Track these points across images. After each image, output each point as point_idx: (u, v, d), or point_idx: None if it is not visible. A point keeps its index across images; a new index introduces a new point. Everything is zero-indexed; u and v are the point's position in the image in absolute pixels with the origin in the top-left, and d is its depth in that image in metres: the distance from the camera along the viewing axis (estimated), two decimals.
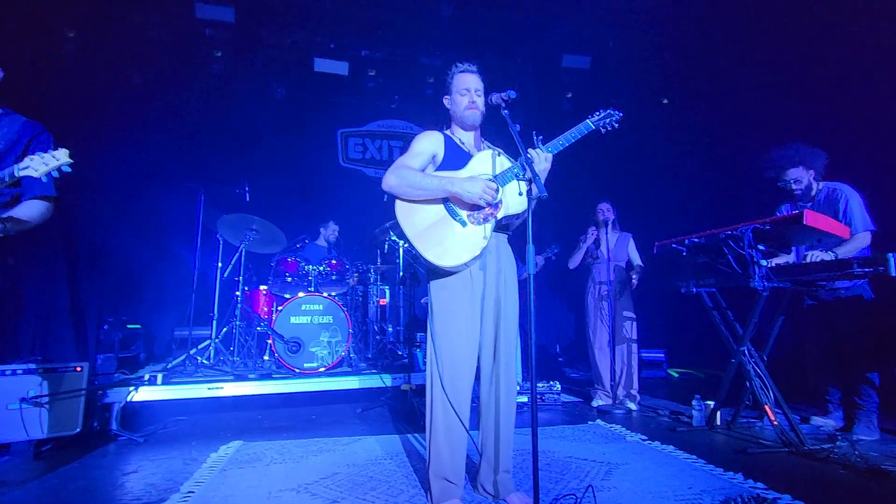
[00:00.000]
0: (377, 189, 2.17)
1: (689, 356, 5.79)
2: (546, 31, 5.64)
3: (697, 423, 3.14)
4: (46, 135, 1.97)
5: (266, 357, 4.17)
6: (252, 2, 5.16)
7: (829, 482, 2.18)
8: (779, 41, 4.58)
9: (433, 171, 2.05)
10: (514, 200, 1.99)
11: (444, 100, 2.16)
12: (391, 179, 1.96)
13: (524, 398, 3.58)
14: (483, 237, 1.94)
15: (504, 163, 2.05)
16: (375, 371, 3.94)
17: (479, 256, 1.94)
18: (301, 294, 4.06)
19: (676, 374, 5.64)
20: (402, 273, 4.54)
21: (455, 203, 1.97)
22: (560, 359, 6.50)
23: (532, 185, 1.74)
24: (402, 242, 4.43)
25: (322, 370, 3.89)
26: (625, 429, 3.09)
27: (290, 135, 6.21)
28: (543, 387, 3.94)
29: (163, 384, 3.28)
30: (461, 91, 2.08)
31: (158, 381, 3.28)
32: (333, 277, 4.41)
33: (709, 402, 3.17)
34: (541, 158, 1.92)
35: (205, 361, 4.07)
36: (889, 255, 2.25)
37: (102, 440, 2.88)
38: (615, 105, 2.13)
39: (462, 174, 1.99)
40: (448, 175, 1.98)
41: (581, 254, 4.11)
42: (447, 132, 2.15)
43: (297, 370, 3.83)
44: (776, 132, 4.25)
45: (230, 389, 3.39)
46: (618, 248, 3.96)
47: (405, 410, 3.62)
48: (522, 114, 6.47)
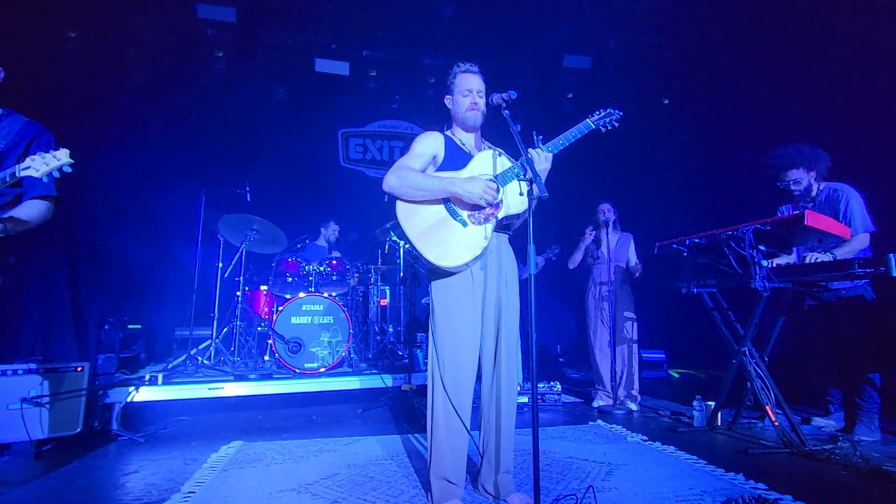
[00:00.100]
0: (378, 189, 2.16)
1: (690, 357, 5.79)
2: (547, 32, 5.64)
3: (698, 424, 3.14)
4: (47, 135, 1.97)
5: (266, 357, 4.17)
6: (253, 2, 5.16)
7: (831, 483, 2.17)
8: (779, 41, 4.58)
9: (434, 172, 2.04)
10: (515, 200, 1.99)
11: (446, 100, 2.16)
12: (392, 180, 1.96)
13: (525, 398, 3.58)
14: (484, 237, 1.94)
15: (504, 163, 2.04)
16: (376, 371, 3.94)
17: (480, 256, 1.94)
18: (302, 294, 4.06)
19: (677, 375, 5.64)
20: (403, 273, 4.53)
21: (456, 203, 1.96)
22: (561, 359, 6.49)
23: (533, 185, 1.74)
24: (403, 243, 4.43)
25: (322, 370, 3.89)
26: (625, 429, 3.09)
27: (291, 135, 6.21)
28: (544, 387, 3.95)
29: (163, 384, 3.28)
30: (463, 92, 2.07)
31: (159, 382, 3.28)
32: (334, 278, 4.41)
33: (710, 403, 3.17)
34: (541, 158, 1.92)
35: (205, 361, 4.08)
36: (890, 256, 2.24)
37: (103, 440, 2.88)
38: (616, 105, 2.12)
39: (462, 174, 1.99)
40: (448, 175, 1.98)
41: (580, 254, 4.10)
42: (448, 133, 2.15)
43: (298, 370, 3.83)
44: (777, 132, 4.26)
45: (231, 389, 3.39)
46: (619, 249, 3.96)
47: (406, 411, 3.62)
48: (523, 114, 6.48)
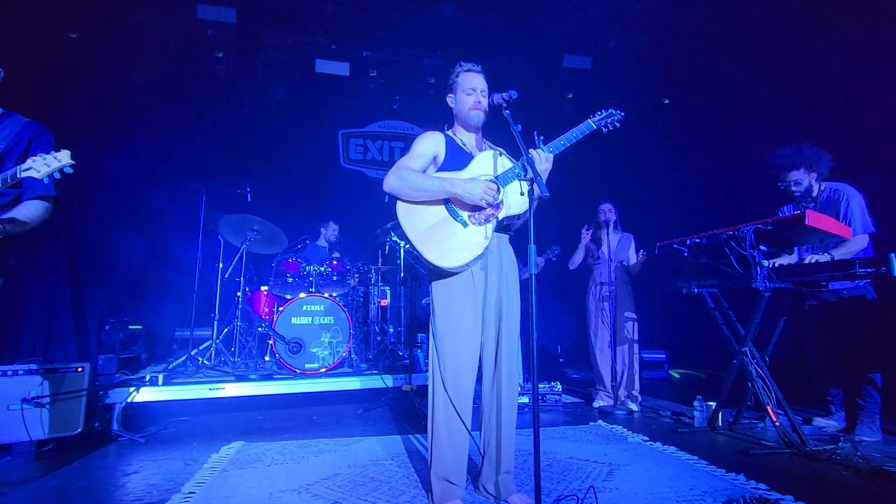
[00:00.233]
0: (378, 190, 2.16)
1: (691, 357, 5.79)
2: (547, 32, 5.63)
3: (699, 424, 3.14)
4: (48, 135, 1.96)
5: (267, 358, 4.18)
6: (253, 3, 5.16)
7: (832, 483, 2.17)
8: (780, 41, 4.57)
9: (434, 172, 2.04)
10: (516, 201, 1.99)
11: (448, 98, 2.15)
12: (392, 181, 1.95)
13: (526, 399, 3.57)
14: (484, 238, 1.94)
15: (505, 163, 2.04)
16: (376, 372, 3.94)
17: (481, 257, 1.94)
18: (302, 295, 4.06)
19: (678, 375, 5.63)
20: (404, 274, 4.53)
21: (456, 204, 1.96)
22: (561, 359, 6.49)
23: (533, 185, 1.74)
24: (404, 243, 4.42)
25: (323, 371, 3.88)
26: (626, 429, 3.08)
27: (292, 135, 6.21)
28: (545, 387, 3.94)
29: (164, 385, 3.29)
30: (467, 90, 2.06)
31: (160, 382, 3.29)
32: (334, 278, 4.41)
33: (710, 403, 3.17)
34: (542, 159, 1.91)
35: (206, 362, 4.08)
36: (891, 256, 2.24)
37: (104, 441, 2.88)
38: (616, 105, 2.12)
39: (463, 175, 1.99)
40: (449, 176, 1.98)
41: (581, 255, 4.10)
42: (448, 132, 2.14)
43: (298, 371, 3.83)
44: (777, 132, 4.26)
45: (231, 390, 3.39)
46: (619, 249, 3.95)
47: (406, 411, 3.62)
48: (523, 114, 6.48)
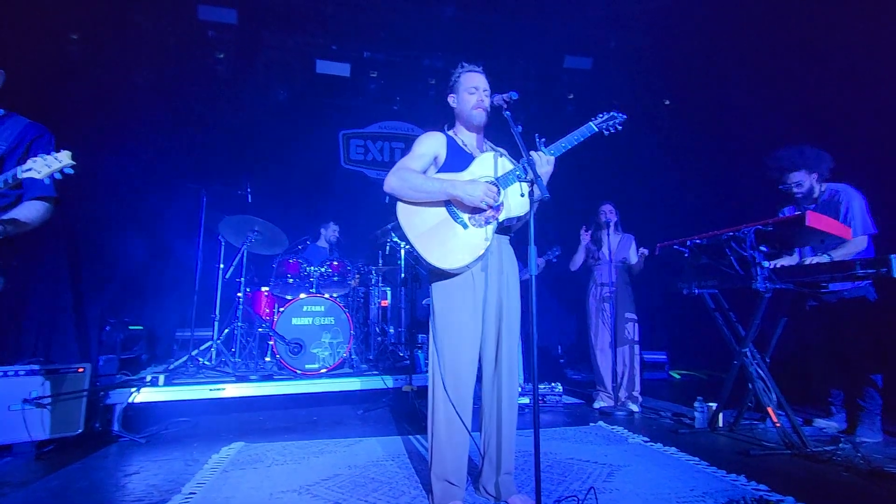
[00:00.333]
0: (378, 190, 2.16)
1: (691, 358, 5.78)
2: (548, 33, 5.63)
3: (700, 425, 3.14)
4: (49, 136, 1.96)
5: (267, 358, 4.18)
6: (254, 3, 5.17)
7: (832, 484, 2.17)
8: (780, 42, 4.57)
9: (435, 173, 2.04)
10: (516, 203, 1.99)
11: (450, 98, 2.14)
12: (393, 181, 1.95)
13: (526, 399, 3.57)
14: (485, 239, 1.94)
15: (506, 164, 2.04)
16: (377, 372, 3.94)
17: (481, 258, 1.94)
18: (303, 295, 4.06)
19: (678, 376, 5.63)
20: (404, 274, 4.53)
21: (457, 205, 1.96)
22: (562, 360, 6.48)
23: (534, 187, 1.74)
24: (404, 244, 4.43)
25: (323, 371, 3.89)
26: (627, 430, 3.08)
27: (292, 136, 6.22)
28: (545, 388, 3.94)
29: (165, 385, 3.29)
30: (469, 89, 2.06)
31: (160, 383, 3.29)
32: (335, 279, 4.41)
33: (711, 404, 3.16)
34: (543, 161, 1.92)
35: (206, 363, 4.08)
36: (891, 257, 2.24)
37: (104, 441, 2.88)
38: (618, 107, 2.12)
39: (464, 176, 1.99)
40: (449, 177, 1.98)
41: (581, 256, 4.09)
42: (450, 133, 2.14)
43: (299, 371, 3.83)
44: (778, 133, 4.25)
45: (232, 391, 3.39)
46: (620, 250, 3.95)
47: (407, 412, 3.62)
48: (524, 115, 6.48)
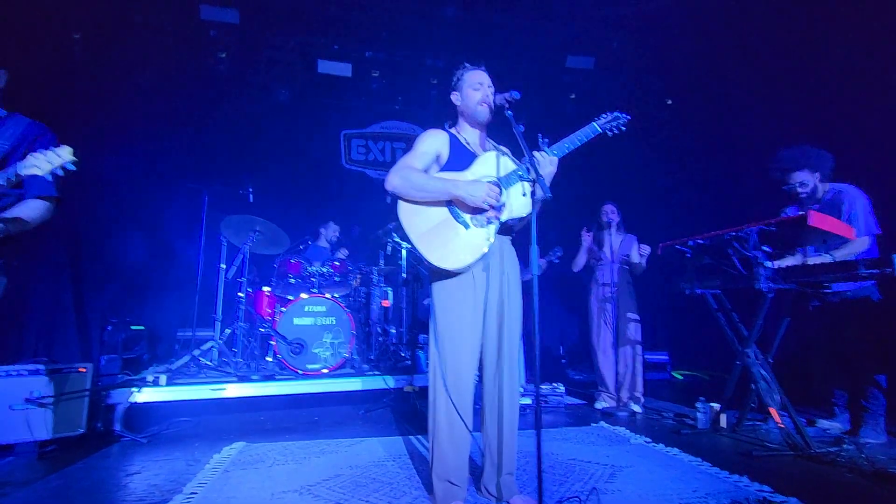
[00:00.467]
0: (380, 190, 2.16)
1: (694, 358, 5.77)
2: (549, 33, 5.62)
3: (702, 426, 3.13)
4: (51, 135, 1.96)
5: (269, 358, 4.17)
6: (256, 3, 5.17)
7: (836, 485, 2.16)
8: (783, 41, 4.56)
9: (437, 171, 2.03)
10: (518, 203, 1.98)
11: (453, 96, 2.14)
12: (394, 180, 1.95)
13: (528, 400, 3.57)
14: (486, 239, 1.93)
15: (508, 164, 2.03)
16: (378, 373, 3.94)
17: (483, 258, 1.94)
18: (304, 295, 4.05)
19: (680, 377, 5.62)
20: (406, 274, 4.53)
21: (459, 205, 1.95)
22: (563, 361, 6.47)
23: (536, 187, 1.73)
24: (405, 244, 4.43)
25: (325, 371, 3.88)
26: (629, 431, 3.07)
27: (294, 136, 6.22)
28: (547, 389, 3.94)
29: (166, 385, 3.29)
30: (474, 85, 2.05)
31: (162, 382, 3.29)
32: (336, 279, 4.41)
33: (713, 405, 3.16)
34: (546, 161, 1.91)
35: (208, 363, 4.07)
36: (894, 257, 2.23)
37: (106, 441, 2.88)
38: (621, 107, 2.10)
39: (466, 176, 1.98)
40: (452, 177, 1.97)
41: (583, 257, 4.09)
42: (452, 131, 2.13)
43: (300, 371, 3.82)
44: (781, 133, 4.25)
45: (233, 391, 3.39)
46: (622, 250, 3.94)
47: (408, 412, 3.61)
48: (526, 115, 6.45)
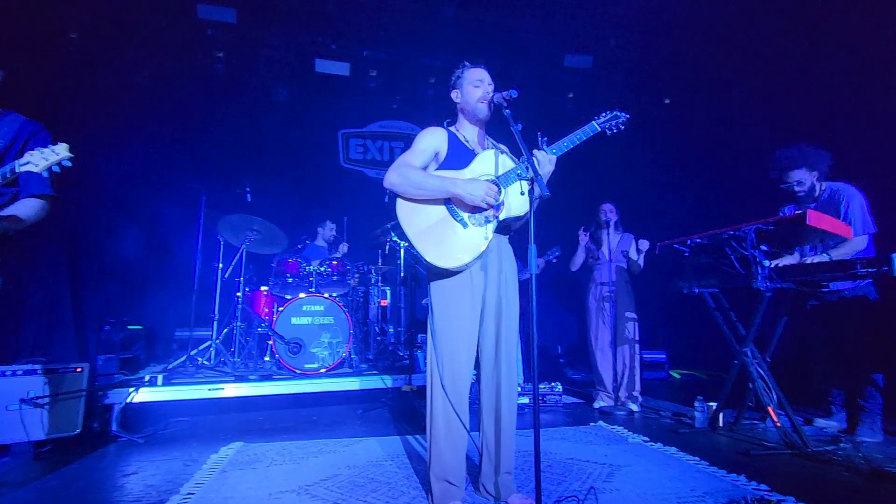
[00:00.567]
0: (378, 190, 2.16)
1: (692, 357, 5.77)
2: (548, 32, 5.62)
3: (700, 425, 3.13)
4: (45, 133, 1.95)
5: (267, 358, 4.17)
6: (254, 2, 5.16)
7: (833, 484, 2.16)
8: (782, 41, 4.57)
9: (436, 169, 2.03)
10: (517, 202, 1.98)
11: (453, 94, 2.13)
12: (393, 177, 1.94)
13: (526, 399, 3.57)
14: (484, 238, 1.93)
15: (507, 163, 2.03)
16: (376, 372, 3.93)
17: (480, 257, 1.93)
18: (302, 295, 4.05)
19: (678, 376, 5.62)
20: (404, 274, 4.53)
21: (457, 204, 1.95)
22: (561, 360, 6.47)
23: (534, 185, 1.73)
24: (403, 243, 4.42)
25: (323, 371, 3.88)
26: (627, 430, 3.07)
27: (292, 135, 6.21)
28: (545, 388, 3.93)
29: (163, 385, 3.28)
30: (475, 82, 2.06)
31: (159, 382, 3.28)
32: (334, 278, 4.40)
33: (711, 404, 3.16)
34: (545, 160, 1.91)
35: (205, 362, 4.07)
36: (892, 256, 2.23)
37: (102, 441, 2.87)
38: (620, 106, 2.10)
39: (465, 174, 1.98)
40: (450, 175, 1.96)
41: (580, 256, 4.09)
42: (451, 129, 2.13)
43: (298, 371, 3.82)
44: (779, 132, 4.25)
45: (231, 390, 3.38)
46: (620, 249, 3.95)
47: (406, 412, 3.61)
48: (524, 114, 6.39)
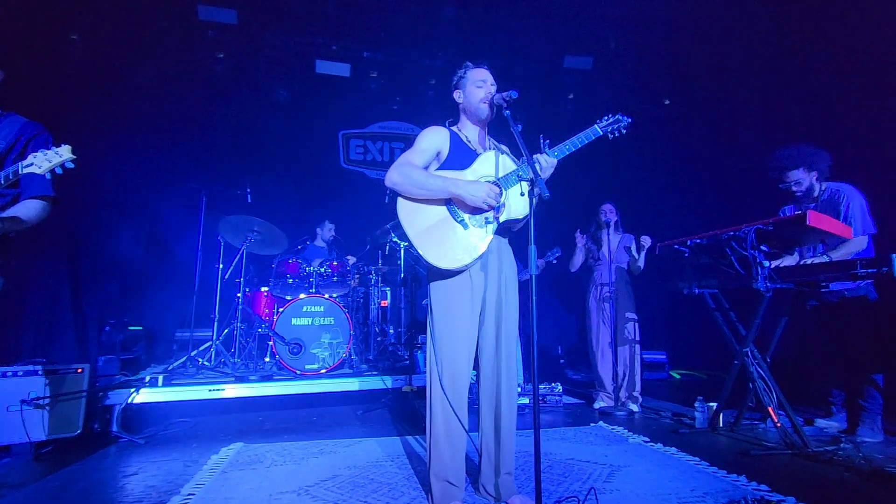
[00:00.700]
0: (378, 190, 2.16)
1: (692, 358, 5.78)
2: (548, 32, 5.63)
3: (700, 425, 3.13)
4: (46, 135, 1.96)
5: (267, 359, 4.17)
6: (254, 4, 5.16)
7: (833, 484, 2.16)
8: (782, 41, 4.57)
9: (437, 168, 2.03)
10: (517, 203, 1.99)
11: (455, 94, 2.14)
12: (394, 176, 1.94)
13: (526, 400, 3.57)
14: (484, 240, 1.94)
15: (508, 164, 2.04)
16: (376, 373, 3.94)
17: (480, 258, 1.94)
18: (302, 295, 4.05)
19: (678, 376, 5.62)
20: (404, 274, 4.53)
21: (458, 204, 1.95)
22: (562, 360, 6.47)
23: (534, 186, 1.73)
24: (404, 243, 4.43)
25: (323, 372, 3.88)
26: (627, 430, 3.07)
27: (292, 136, 6.22)
28: (545, 388, 3.93)
29: (164, 386, 3.28)
30: (477, 83, 2.06)
31: (159, 383, 3.28)
32: (335, 279, 4.40)
33: (711, 404, 3.16)
34: (546, 164, 1.91)
35: (206, 363, 4.07)
36: (892, 256, 2.23)
37: (103, 442, 2.87)
38: (620, 107, 2.11)
39: (466, 175, 1.98)
40: (452, 176, 1.97)
41: (580, 257, 4.09)
42: (453, 129, 2.13)
43: (298, 372, 3.82)
44: (779, 132, 4.26)
45: (231, 391, 3.38)
46: (620, 250, 3.95)
47: (406, 412, 3.61)
48: (524, 115, 6.39)
